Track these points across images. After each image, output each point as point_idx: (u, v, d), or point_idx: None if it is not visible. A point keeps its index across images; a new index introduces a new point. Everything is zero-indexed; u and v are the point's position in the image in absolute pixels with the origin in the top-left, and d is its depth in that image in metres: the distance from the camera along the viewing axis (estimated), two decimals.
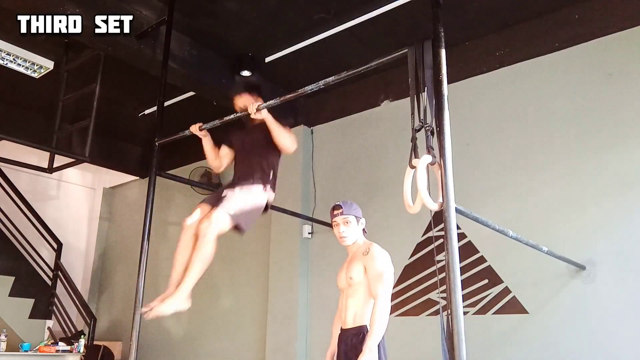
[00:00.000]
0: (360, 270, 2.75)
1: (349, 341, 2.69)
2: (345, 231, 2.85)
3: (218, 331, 5.72)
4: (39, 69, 4.91)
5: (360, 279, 2.74)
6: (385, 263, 2.74)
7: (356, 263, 2.79)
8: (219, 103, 5.10)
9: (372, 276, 2.69)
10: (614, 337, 3.33)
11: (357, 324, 2.70)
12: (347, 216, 2.86)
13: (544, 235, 3.60)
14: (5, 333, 5.67)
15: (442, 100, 2.19)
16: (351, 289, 2.78)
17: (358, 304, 2.73)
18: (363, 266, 2.75)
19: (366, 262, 2.74)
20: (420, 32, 3.88)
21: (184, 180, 4.12)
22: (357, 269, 2.76)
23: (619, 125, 3.63)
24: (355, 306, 2.74)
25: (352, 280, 2.76)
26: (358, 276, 2.74)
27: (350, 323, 2.73)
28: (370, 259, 2.74)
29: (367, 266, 2.73)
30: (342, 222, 2.86)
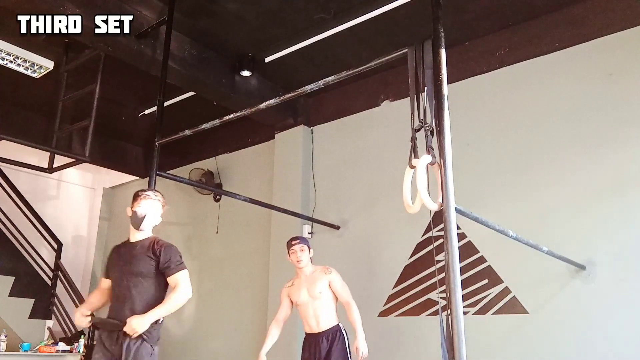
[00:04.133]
0: (326, 285, 3.59)
1: (329, 338, 3.51)
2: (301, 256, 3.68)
3: (218, 331, 5.73)
4: (39, 69, 4.91)
5: (327, 292, 3.58)
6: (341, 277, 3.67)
7: (319, 281, 3.60)
8: (219, 103, 5.10)
9: (340, 287, 3.61)
10: (614, 337, 3.33)
11: (332, 325, 3.57)
12: (303, 245, 3.72)
13: (544, 235, 3.60)
14: (5, 333, 5.67)
15: (442, 100, 2.19)
16: (318, 301, 3.56)
17: (328, 311, 3.58)
18: (327, 282, 3.59)
19: (330, 278, 3.61)
20: (420, 32, 3.89)
21: (184, 180, 4.11)
22: (322, 284, 3.59)
23: (619, 125, 3.63)
24: (326, 313, 3.56)
25: (321, 294, 3.56)
26: (325, 290, 3.58)
27: (325, 326, 3.54)
28: (333, 275, 3.63)
29: (331, 281, 3.60)
30: (299, 250, 3.70)
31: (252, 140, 6.03)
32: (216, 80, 4.77)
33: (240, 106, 3.69)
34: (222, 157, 6.30)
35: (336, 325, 3.59)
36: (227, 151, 6.27)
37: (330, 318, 3.58)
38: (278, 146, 5.58)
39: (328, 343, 3.48)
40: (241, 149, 6.13)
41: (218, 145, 6.34)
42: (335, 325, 3.59)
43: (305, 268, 3.72)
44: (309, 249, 3.76)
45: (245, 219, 5.77)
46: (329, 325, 3.56)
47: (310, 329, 3.62)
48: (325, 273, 3.62)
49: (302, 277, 3.71)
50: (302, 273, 3.72)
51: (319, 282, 3.59)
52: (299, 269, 3.74)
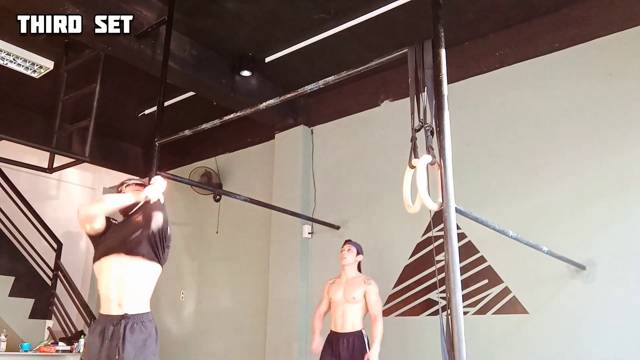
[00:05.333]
0: (361, 293, 3.75)
1: (350, 340, 3.66)
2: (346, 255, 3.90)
3: (218, 331, 5.72)
4: (39, 69, 4.91)
5: (360, 299, 3.74)
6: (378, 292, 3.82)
7: (357, 287, 3.77)
8: (219, 103, 5.10)
9: (374, 301, 3.75)
10: (614, 337, 3.33)
11: (355, 329, 3.72)
12: (351, 246, 3.92)
13: (544, 235, 3.60)
14: (5, 333, 5.66)
15: (442, 100, 2.19)
16: (349, 304, 3.73)
17: (356, 316, 3.74)
18: (364, 291, 3.75)
19: (367, 288, 3.77)
20: (420, 32, 3.90)
21: (184, 180, 4.11)
22: (359, 291, 3.75)
23: (619, 125, 3.63)
24: (353, 317, 3.73)
25: (354, 299, 3.73)
26: (358, 296, 3.74)
27: (349, 328, 3.70)
28: (371, 287, 3.78)
29: (367, 292, 3.76)
30: (347, 249, 3.93)
31: (252, 140, 6.03)
32: (216, 80, 4.77)
33: (240, 106, 3.70)
34: (222, 157, 6.30)
35: (359, 331, 3.72)
36: (227, 151, 6.27)
37: (355, 323, 3.73)
38: (278, 146, 5.58)
39: (349, 345, 3.65)
40: (241, 149, 6.13)
41: (218, 145, 6.34)
42: (359, 330, 3.72)
43: (348, 269, 3.88)
44: (357, 254, 3.92)
45: (245, 219, 5.77)
46: (353, 329, 3.71)
47: (335, 327, 3.78)
48: (365, 283, 3.79)
49: (344, 278, 3.88)
50: (345, 274, 3.89)
51: (357, 288, 3.76)
52: (342, 268, 3.92)
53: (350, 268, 3.90)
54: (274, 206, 4.70)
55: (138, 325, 2.54)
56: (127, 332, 2.49)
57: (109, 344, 2.48)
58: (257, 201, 4.33)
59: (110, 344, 2.48)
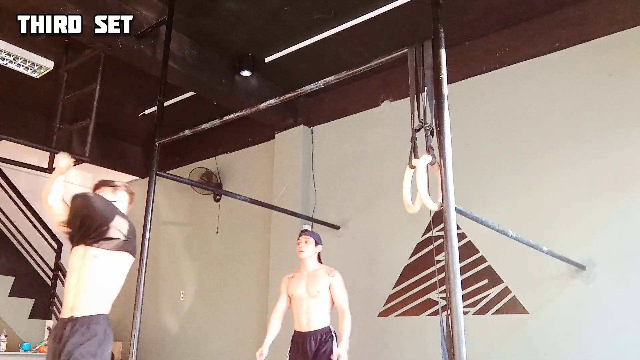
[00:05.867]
0: (326, 286, 3.51)
1: (317, 339, 3.42)
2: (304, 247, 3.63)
3: (218, 331, 5.72)
4: (39, 69, 4.91)
5: (325, 293, 3.50)
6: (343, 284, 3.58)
7: (320, 280, 3.52)
8: (219, 103, 5.10)
9: (340, 294, 3.52)
10: (614, 337, 3.33)
11: (322, 326, 3.47)
12: (309, 237, 3.66)
13: (544, 235, 3.60)
14: (5, 333, 5.67)
15: (442, 100, 2.19)
16: (313, 299, 3.49)
17: (322, 311, 3.49)
18: (328, 283, 3.51)
19: (332, 281, 3.52)
20: (420, 32, 3.90)
21: (184, 180, 4.11)
22: (322, 284, 3.51)
23: (619, 125, 3.63)
24: (319, 313, 3.48)
25: (318, 293, 3.48)
26: (323, 290, 3.49)
27: (315, 326, 3.46)
28: (335, 280, 3.54)
29: (332, 284, 3.51)
30: (304, 240, 3.65)
31: (252, 140, 6.03)
32: (216, 80, 4.77)
33: (240, 106, 3.69)
34: (222, 157, 6.30)
35: (327, 327, 3.48)
36: (227, 151, 6.27)
37: (322, 319, 3.48)
38: (278, 146, 5.58)
39: (316, 344, 3.39)
40: (241, 149, 6.13)
41: (218, 145, 6.34)
42: (326, 327, 3.49)
43: (308, 262, 3.63)
44: (316, 244, 3.67)
45: (245, 219, 5.77)
46: (319, 326, 3.47)
47: (300, 327, 3.54)
48: (329, 274, 3.55)
49: (304, 271, 3.63)
50: (305, 267, 3.64)
51: (320, 281, 3.52)
52: (301, 262, 3.67)
53: (309, 260, 3.63)
54: (274, 206, 4.70)
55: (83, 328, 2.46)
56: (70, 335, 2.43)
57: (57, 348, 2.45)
58: (257, 201, 4.34)
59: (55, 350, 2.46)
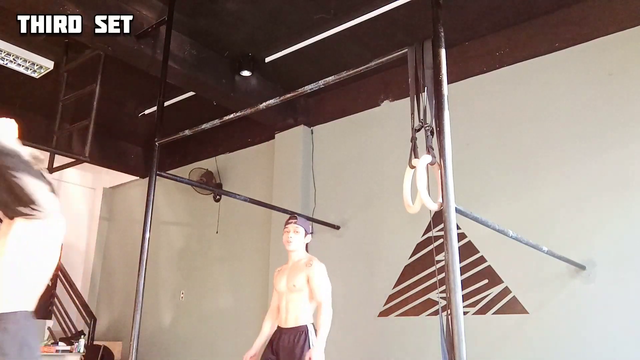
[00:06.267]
0: (303, 279, 3.16)
1: (291, 338, 3.09)
2: (293, 237, 3.27)
3: (218, 331, 5.72)
4: (39, 69, 4.91)
5: (301, 287, 3.15)
6: (325, 274, 3.20)
7: (299, 272, 3.19)
8: (219, 103, 5.10)
9: (317, 285, 3.13)
10: (614, 337, 3.33)
11: (298, 324, 3.13)
12: (298, 226, 3.30)
13: (544, 235, 3.60)
14: None
15: (442, 100, 2.19)
16: (292, 294, 3.18)
17: (300, 307, 3.15)
18: (306, 276, 3.16)
19: (309, 272, 3.16)
20: (420, 32, 3.89)
21: (184, 180, 4.11)
22: (299, 278, 3.16)
23: (619, 125, 3.63)
24: (297, 309, 3.15)
25: (295, 287, 3.16)
26: (299, 283, 3.15)
27: (292, 323, 3.13)
28: (312, 270, 3.16)
29: (310, 276, 3.15)
30: (293, 230, 3.29)
31: (252, 140, 6.03)
32: (216, 80, 4.77)
33: (240, 106, 3.69)
34: (222, 157, 6.30)
35: (304, 326, 3.13)
36: (227, 151, 6.27)
37: (300, 316, 3.13)
38: (278, 146, 5.58)
39: (288, 344, 3.08)
40: (241, 149, 6.13)
41: (218, 145, 6.34)
42: (303, 325, 3.13)
43: (294, 254, 3.30)
44: (306, 234, 3.33)
45: (245, 219, 5.77)
46: (296, 324, 3.13)
47: (280, 322, 3.25)
48: (307, 265, 3.18)
49: (290, 263, 3.32)
50: (291, 259, 3.32)
51: (298, 274, 3.19)
52: (288, 253, 3.34)
53: (296, 253, 3.30)
54: (274, 206, 4.70)
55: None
56: None
57: None
58: (257, 201, 4.34)
59: None
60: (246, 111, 3.22)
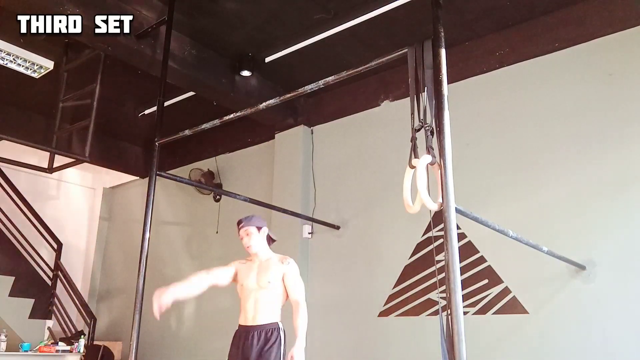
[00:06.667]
0: (279, 275, 3.10)
1: (262, 336, 3.03)
2: (248, 241, 3.19)
3: (218, 331, 5.72)
4: (39, 69, 4.91)
5: (277, 283, 3.09)
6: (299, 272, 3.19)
7: (272, 269, 3.12)
8: (219, 103, 5.10)
9: (294, 283, 3.11)
10: (614, 337, 3.33)
11: (270, 321, 3.06)
12: (247, 228, 3.20)
13: (544, 235, 3.60)
14: (5, 333, 5.66)
15: (442, 100, 2.19)
16: (264, 291, 3.09)
17: (272, 305, 3.09)
18: (282, 273, 3.11)
19: (285, 270, 3.12)
20: (420, 32, 3.89)
21: (184, 180, 4.12)
22: (275, 274, 3.10)
23: (619, 125, 3.63)
24: (268, 307, 3.08)
25: (269, 284, 3.09)
26: (275, 280, 3.09)
27: (262, 321, 3.05)
28: (289, 268, 3.13)
29: (286, 273, 3.11)
30: (244, 234, 3.21)
31: (252, 140, 6.02)
32: (216, 80, 4.77)
33: (240, 106, 3.70)
34: (222, 157, 6.30)
35: (274, 323, 3.07)
36: (227, 151, 6.27)
37: (270, 314, 3.08)
38: (278, 146, 5.58)
39: (259, 342, 3.02)
40: (241, 149, 6.13)
41: (218, 145, 6.34)
42: (274, 322, 3.07)
43: (260, 253, 3.21)
44: (259, 230, 3.22)
45: None
46: (267, 321, 3.05)
47: (245, 321, 3.15)
48: (282, 263, 3.14)
49: (257, 261, 3.23)
50: (257, 257, 3.23)
51: (271, 271, 3.12)
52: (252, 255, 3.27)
53: (261, 252, 3.21)
54: (274, 206, 4.70)
55: None
56: None
57: None
58: (257, 201, 4.34)
59: None
60: (246, 111, 3.23)
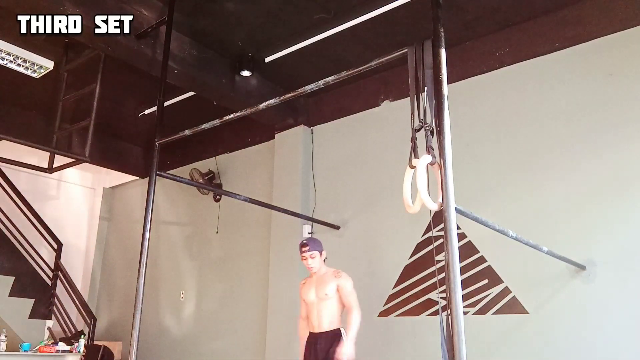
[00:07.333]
0: (334, 288, 3.64)
1: (328, 340, 3.54)
2: (312, 263, 3.74)
3: (218, 331, 5.73)
4: (39, 69, 4.91)
5: (333, 295, 3.63)
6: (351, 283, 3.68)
7: (329, 283, 3.65)
8: (219, 103, 5.10)
9: (347, 292, 3.63)
10: (614, 337, 3.33)
11: (332, 327, 3.60)
12: (312, 252, 3.73)
13: (544, 235, 3.60)
14: (5, 333, 5.67)
15: (442, 100, 2.19)
16: (324, 302, 3.63)
17: (331, 313, 3.62)
18: (336, 285, 3.64)
19: (339, 282, 3.64)
20: (420, 32, 3.90)
21: (184, 180, 4.11)
22: (330, 287, 3.64)
23: (619, 125, 3.63)
24: (329, 315, 3.62)
25: (327, 295, 3.62)
26: (331, 292, 3.63)
27: (327, 327, 3.59)
28: (343, 280, 3.66)
29: (340, 285, 3.63)
30: (309, 257, 3.73)
31: (252, 140, 6.03)
32: (216, 80, 4.77)
33: (240, 106, 3.69)
34: (222, 157, 6.30)
35: (337, 329, 3.61)
36: (227, 151, 6.28)
37: (332, 321, 3.62)
38: (278, 146, 5.58)
39: (326, 345, 3.53)
40: (241, 149, 6.13)
41: (218, 145, 6.34)
42: (336, 328, 3.61)
43: (318, 272, 3.78)
44: (320, 253, 3.78)
45: (245, 219, 5.77)
46: (330, 327, 3.60)
47: (312, 328, 3.69)
48: (335, 277, 3.67)
49: (315, 277, 3.80)
50: (315, 274, 3.80)
51: (327, 285, 3.66)
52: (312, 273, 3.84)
53: (319, 270, 3.79)
54: (274, 206, 4.70)
55: None
56: None
57: None
58: (257, 201, 4.33)
59: None
60: (246, 111, 3.22)
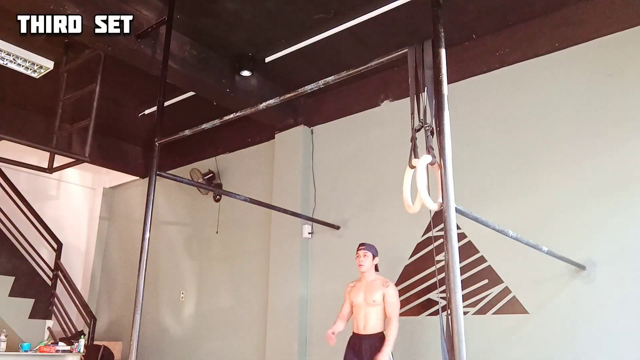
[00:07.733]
0: (380, 296, 3.79)
1: (372, 343, 3.70)
2: (363, 261, 3.88)
3: (218, 331, 5.72)
4: (39, 69, 4.91)
5: (380, 302, 3.78)
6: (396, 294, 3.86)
7: (377, 290, 3.80)
8: (219, 103, 5.10)
9: (391, 303, 3.78)
10: (614, 337, 3.33)
11: (376, 331, 3.76)
12: (366, 251, 3.89)
13: (544, 235, 3.60)
14: (5, 333, 5.66)
15: (442, 100, 2.19)
16: (371, 307, 3.79)
17: (376, 318, 3.79)
18: (382, 294, 3.79)
19: (385, 291, 3.79)
20: (420, 32, 3.90)
21: (184, 180, 4.11)
22: (378, 295, 3.79)
23: (619, 125, 3.63)
24: (374, 319, 3.79)
25: (374, 302, 3.78)
26: (378, 299, 3.78)
27: (371, 330, 3.76)
28: (390, 290, 3.80)
29: (386, 294, 3.79)
30: (362, 255, 3.89)
31: (252, 140, 6.03)
32: (216, 80, 4.77)
33: (240, 106, 3.69)
34: (222, 157, 6.30)
35: (380, 333, 3.75)
36: (227, 151, 6.28)
37: (377, 325, 3.77)
38: (278, 146, 5.58)
39: (371, 348, 3.69)
40: (241, 149, 6.14)
41: (218, 145, 6.34)
42: (380, 332, 3.75)
43: (367, 273, 3.88)
44: (374, 257, 3.90)
45: (245, 219, 5.77)
46: (374, 331, 3.75)
47: (357, 329, 3.83)
48: (384, 285, 3.81)
49: (364, 281, 3.90)
50: (364, 278, 3.90)
51: (376, 292, 3.78)
52: (361, 273, 3.92)
53: (368, 272, 3.89)
54: (274, 206, 4.70)
55: None
56: None
57: None
58: (257, 201, 4.33)
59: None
60: (246, 111, 3.22)
